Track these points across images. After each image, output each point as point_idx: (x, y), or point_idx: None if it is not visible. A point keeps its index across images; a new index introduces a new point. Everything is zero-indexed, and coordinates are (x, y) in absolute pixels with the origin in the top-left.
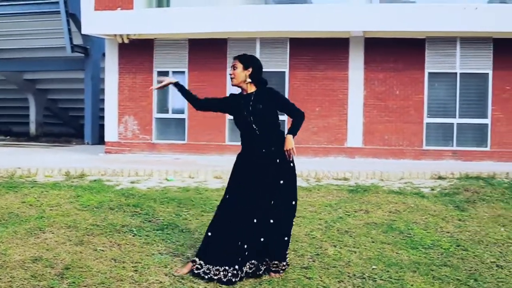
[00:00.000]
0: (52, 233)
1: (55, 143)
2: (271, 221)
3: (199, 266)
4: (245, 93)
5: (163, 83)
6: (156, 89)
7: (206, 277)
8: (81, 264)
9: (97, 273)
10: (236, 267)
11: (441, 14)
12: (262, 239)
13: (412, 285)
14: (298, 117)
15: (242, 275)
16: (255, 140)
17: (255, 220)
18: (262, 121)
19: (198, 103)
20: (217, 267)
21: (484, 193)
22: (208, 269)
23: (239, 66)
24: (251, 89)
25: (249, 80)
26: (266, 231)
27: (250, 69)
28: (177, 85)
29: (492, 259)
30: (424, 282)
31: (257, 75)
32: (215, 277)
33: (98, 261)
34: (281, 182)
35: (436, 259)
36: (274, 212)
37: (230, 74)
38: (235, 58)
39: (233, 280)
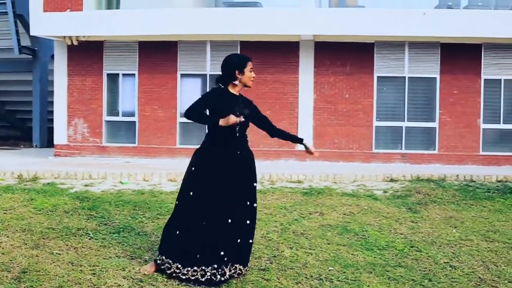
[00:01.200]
0: (7, 236)
1: (3, 146)
2: (248, 222)
3: (168, 266)
4: (234, 93)
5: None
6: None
7: (183, 277)
8: (38, 268)
9: (54, 276)
10: (215, 266)
11: (390, 19)
12: (238, 240)
13: (368, 286)
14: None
15: (222, 277)
16: (235, 141)
17: (229, 221)
18: (245, 125)
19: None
20: (194, 268)
21: (436, 195)
22: (177, 268)
23: None
24: (237, 90)
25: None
26: (241, 233)
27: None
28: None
29: (445, 260)
30: (380, 282)
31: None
32: (192, 278)
33: (55, 264)
34: (254, 184)
35: (391, 260)
36: (251, 214)
37: (254, 78)
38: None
39: (214, 279)
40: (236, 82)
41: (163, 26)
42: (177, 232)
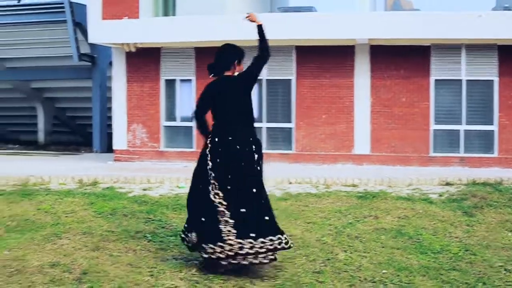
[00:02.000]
0: (69, 239)
1: (64, 151)
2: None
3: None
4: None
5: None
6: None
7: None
8: (98, 269)
9: (114, 277)
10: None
11: (445, 22)
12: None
13: None
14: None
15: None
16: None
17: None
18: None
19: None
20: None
21: (492, 199)
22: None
23: None
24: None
25: None
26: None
27: None
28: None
29: (500, 263)
30: (434, 286)
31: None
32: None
33: (114, 266)
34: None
35: (445, 264)
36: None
37: None
38: None
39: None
40: (231, 72)
41: (219, 31)
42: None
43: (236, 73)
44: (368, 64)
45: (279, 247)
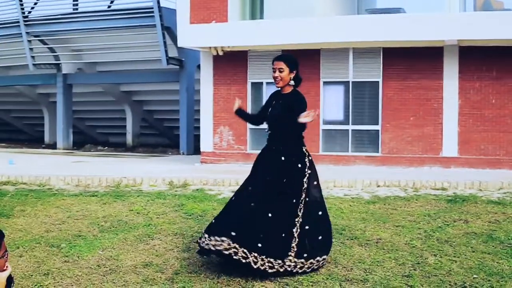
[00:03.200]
0: (160, 240)
1: (152, 153)
2: (270, 215)
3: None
4: (283, 92)
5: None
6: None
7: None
8: (189, 270)
9: (205, 278)
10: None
11: None
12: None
13: None
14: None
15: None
16: (269, 138)
17: (269, 215)
18: (274, 123)
19: (257, 121)
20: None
21: None
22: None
23: (286, 69)
24: (288, 90)
25: (292, 82)
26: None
27: (294, 72)
28: (237, 112)
29: None
30: None
31: (299, 77)
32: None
33: (205, 267)
34: (284, 180)
35: None
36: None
37: (276, 77)
38: (279, 59)
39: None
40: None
41: (306, 34)
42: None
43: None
44: (457, 65)
45: (322, 266)
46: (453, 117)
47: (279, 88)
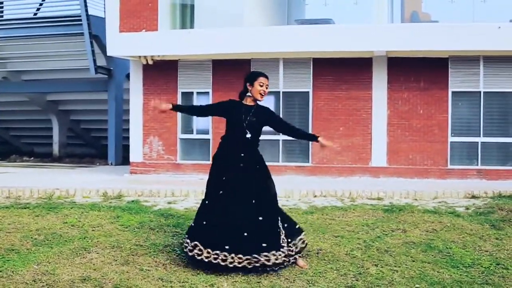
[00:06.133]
0: (97, 253)
1: (79, 163)
2: (260, 218)
3: (199, 252)
4: (248, 104)
5: (161, 109)
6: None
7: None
8: (129, 284)
9: None
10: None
11: (464, 33)
12: (245, 234)
13: None
14: (295, 127)
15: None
16: (240, 146)
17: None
18: (255, 131)
19: (198, 112)
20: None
21: None
22: (208, 252)
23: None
24: (253, 102)
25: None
26: (251, 227)
27: None
28: (175, 108)
29: None
30: None
31: None
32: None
33: (145, 280)
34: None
35: (478, 278)
36: (259, 210)
37: (265, 93)
38: (267, 77)
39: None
40: (249, 94)
41: (236, 44)
42: (204, 223)
43: (249, 94)
44: (386, 76)
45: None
46: (382, 127)
47: (237, 100)
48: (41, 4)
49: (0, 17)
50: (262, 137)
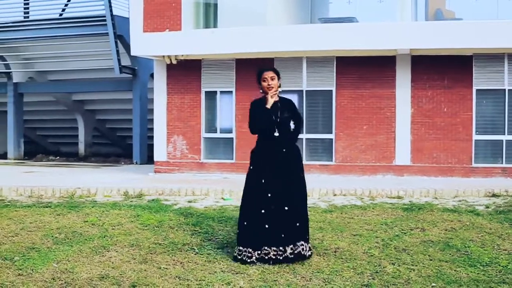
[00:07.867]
0: (116, 251)
1: (104, 163)
2: (286, 208)
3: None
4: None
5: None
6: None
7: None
8: (146, 282)
9: None
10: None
11: (488, 31)
12: (266, 226)
13: None
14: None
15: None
16: (274, 141)
17: (286, 208)
18: (285, 127)
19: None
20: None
21: None
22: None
23: (276, 77)
24: (277, 98)
25: (280, 89)
26: (282, 218)
27: (280, 80)
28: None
29: None
30: None
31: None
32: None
33: (163, 278)
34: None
35: (495, 277)
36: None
37: (270, 85)
38: (271, 70)
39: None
40: (261, 91)
41: (260, 43)
42: (245, 223)
43: (261, 91)
44: (409, 74)
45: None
46: (405, 125)
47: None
48: (66, 5)
49: (26, 18)
50: None
